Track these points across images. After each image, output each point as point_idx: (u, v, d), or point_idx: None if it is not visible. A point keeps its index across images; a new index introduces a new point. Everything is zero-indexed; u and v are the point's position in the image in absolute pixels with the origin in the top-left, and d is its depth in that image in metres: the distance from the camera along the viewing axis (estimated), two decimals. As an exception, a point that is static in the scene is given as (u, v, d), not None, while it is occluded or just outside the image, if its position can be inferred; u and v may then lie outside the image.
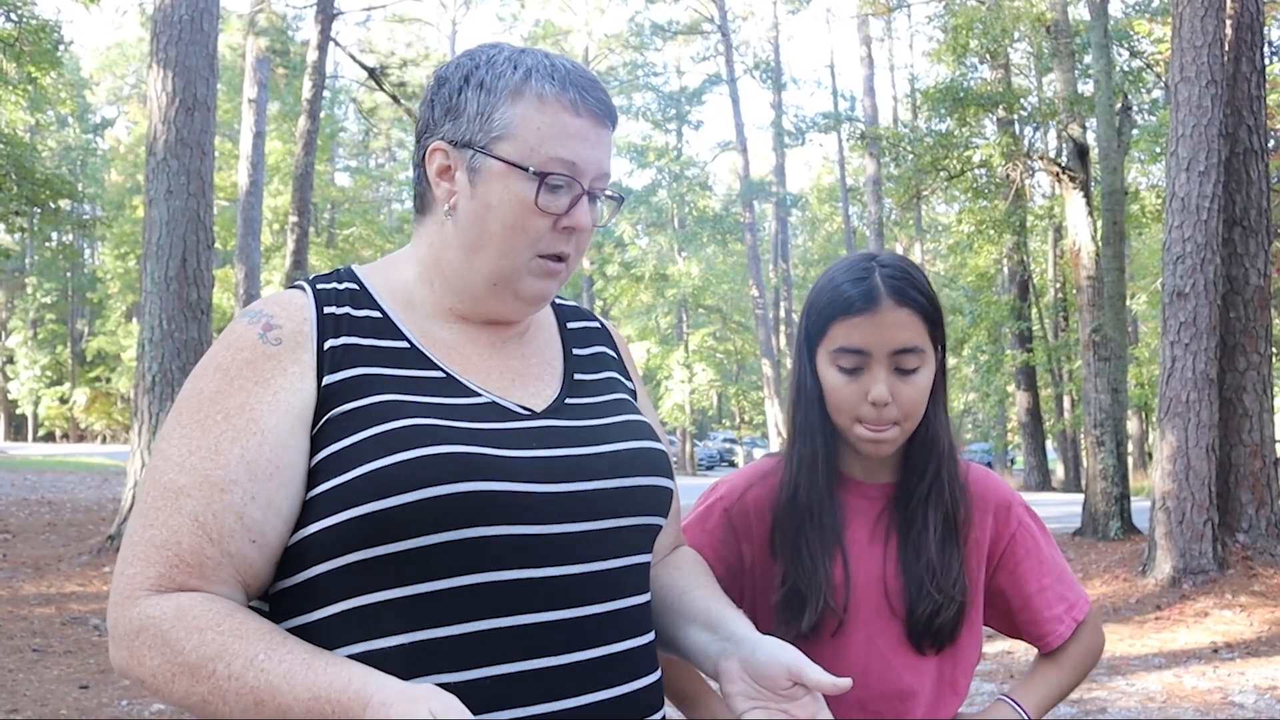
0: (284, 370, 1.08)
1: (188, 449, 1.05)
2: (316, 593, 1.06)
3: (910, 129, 21.32)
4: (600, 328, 1.35)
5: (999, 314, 21.70)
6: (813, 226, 46.23)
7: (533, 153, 1.12)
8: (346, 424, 1.06)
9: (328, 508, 1.04)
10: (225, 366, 1.09)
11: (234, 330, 1.12)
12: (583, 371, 1.26)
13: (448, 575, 1.02)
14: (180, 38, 8.46)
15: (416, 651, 1.01)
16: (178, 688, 0.98)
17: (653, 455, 1.20)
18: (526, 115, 1.13)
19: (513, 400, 1.15)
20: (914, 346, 1.34)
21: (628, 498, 1.14)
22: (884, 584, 1.37)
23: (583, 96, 1.14)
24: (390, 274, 1.21)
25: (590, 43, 36.83)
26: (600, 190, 1.19)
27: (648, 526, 1.18)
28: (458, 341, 1.18)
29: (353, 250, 32.55)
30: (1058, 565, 1.46)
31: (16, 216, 14.71)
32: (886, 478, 1.42)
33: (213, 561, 1.02)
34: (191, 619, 0.99)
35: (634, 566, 1.15)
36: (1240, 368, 8.00)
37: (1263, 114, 8.25)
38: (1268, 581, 7.37)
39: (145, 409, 8.23)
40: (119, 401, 41.99)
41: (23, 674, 5.26)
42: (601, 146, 1.16)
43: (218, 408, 1.06)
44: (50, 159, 35.00)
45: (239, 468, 1.03)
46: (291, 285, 1.19)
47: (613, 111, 1.18)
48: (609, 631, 1.10)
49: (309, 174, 14.37)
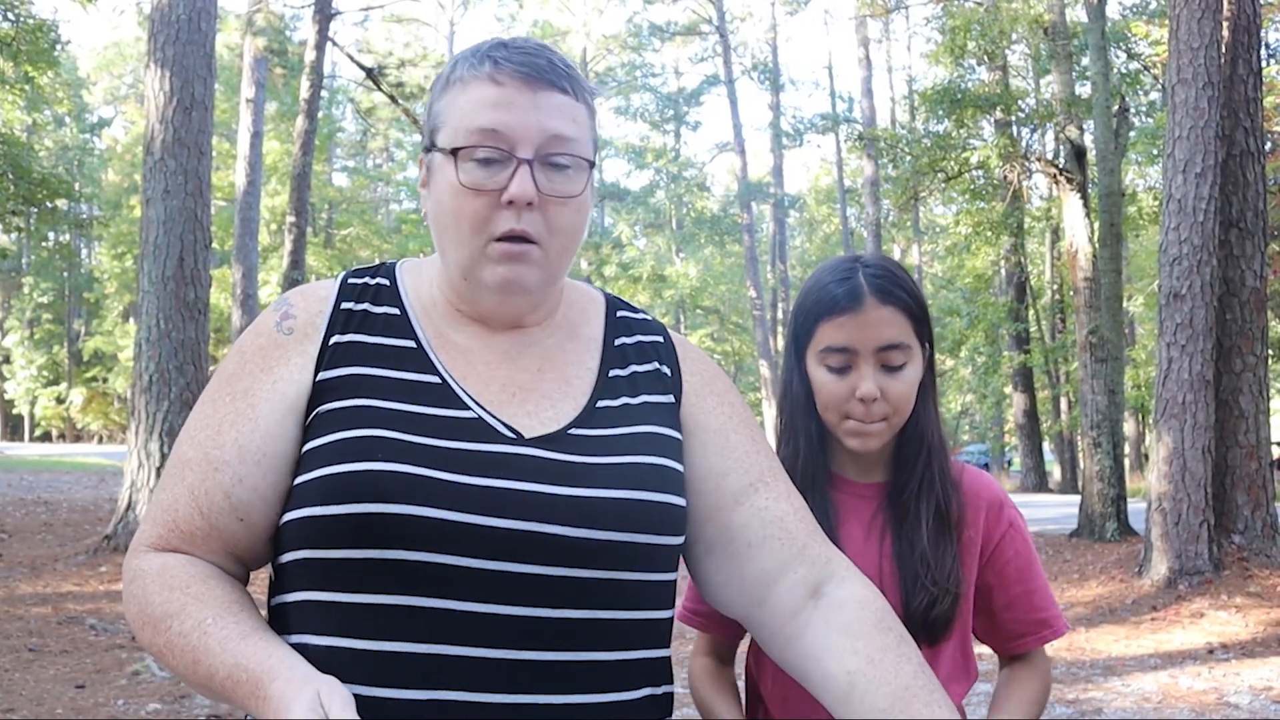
0: (288, 360, 1.11)
1: (199, 424, 1.11)
2: (285, 579, 1.09)
3: (908, 130, 21.35)
4: (663, 342, 1.24)
5: (996, 315, 21.74)
6: (810, 228, 46.26)
7: (455, 133, 1.09)
8: (325, 423, 1.07)
9: (295, 501, 1.06)
10: (244, 350, 1.14)
11: (261, 316, 1.17)
12: (612, 396, 1.16)
13: (384, 591, 1.01)
14: (178, 37, 8.46)
15: (343, 658, 1.01)
16: (145, 635, 1.06)
17: (644, 507, 1.08)
18: (452, 100, 1.11)
19: (504, 419, 1.09)
20: (899, 343, 1.36)
21: (590, 547, 1.04)
22: (880, 581, 1.37)
23: (502, 64, 1.09)
24: (426, 271, 1.20)
25: (588, 43, 36.83)
26: (554, 156, 1.09)
27: (616, 581, 1.06)
28: (470, 346, 1.15)
29: (350, 250, 32.54)
30: (1042, 575, 1.47)
31: (13, 216, 14.70)
32: (879, 476, 1.44)
33: (201, 532, 1.08)
34: (168, 577, 1.06)
35: (600, 621, 1.05)
36: (1236, 369, 8.02)
37: (1259, 116, 8.27)
38: (1263, 583, 7.39)
39: (142, 409, 8.21)
40: (116, 401, 41.95)
41: (19, 673, 5.25)
42: (538, 110, 1.08)
43: (228, 389, 1.11)
44: (47, 158, 34.97)
45: (232, 449, 1.08)
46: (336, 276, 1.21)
47: (557, 72, 1.10)
48: (548, 681, 1.02)
49: (306, 174, 14.36)
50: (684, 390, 1.21)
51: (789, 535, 1.16)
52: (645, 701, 1.10)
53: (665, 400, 1.19)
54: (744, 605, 1.17)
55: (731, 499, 1.17)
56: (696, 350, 1.28)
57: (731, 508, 1.17)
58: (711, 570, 1.18)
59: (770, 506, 1.17)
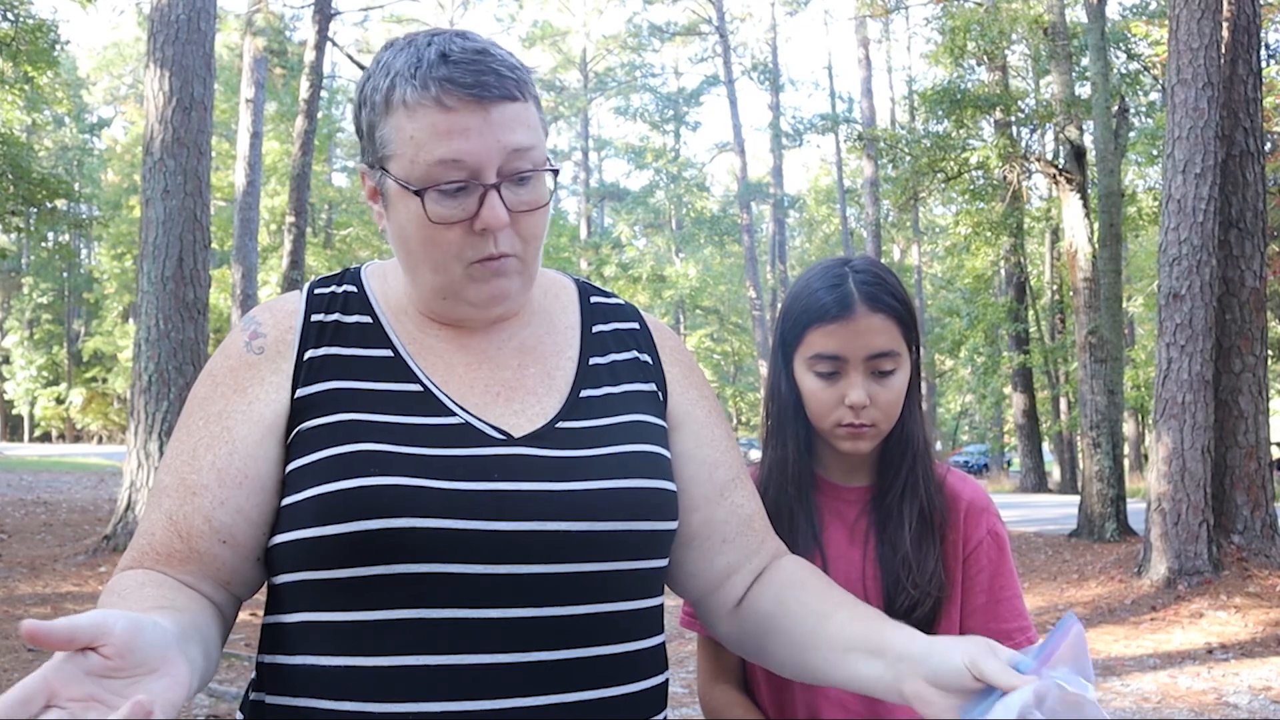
0: (261, 380, 1.09)
1: (175, 451, 1.09)
2: (282, 599, 1.07)
3: (908, 131, 21.35)
4: (639, 329, 1.25)
5: (996, 316, 21.75)
6: (810, 228, 46.28)
7: (413, 165, 1.04)
8: (309, 440, 1.05)
9: (286, 523, 1.05)
10: (214, 372, 1.12)
11: (230, 337, 1.15)
12: (594, 386, 1.16)
13: (390, 606, 1.00)
14: (177, 37, 8.46)
15: (353, 677, 1.00)
16: None
17: (643, 495, 1.09)
18: (399, 127, 1.04)
19: (492, 421, 1.08)
20: (889, 351, 1.36)
21: (595, 540, 1.05)
22: (863, 584, 1.38)
23: (448, 87, 1.02)
24: (391, 277, 1.18)
25: (588, 43, 36.87)
26: (518, 172, 1.05)
27: (620, 572, 1.07)
28: (447, 349, 1.13)
29: (350, 251, 32.53)
30: (1015, 588, 1.44)
31: (13, 216, 14.70)
32: (863, 480, 1.44)
33: (179, 554, 1.05)
34: (118, 586, 1.03)
35: (608, 614, 1.06)
36: (1236, 369, 8.02)
37: (1259, 116, 8.27)
38: (1262, 583, 7.39)
39: (141, 409, 8.22)
40: (115, 402, 41.96)
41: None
42: (494, 129, 1.03)
43: (201, 413, 1.09)
44: (47, 158, 35.00)
45: (210, 474, 1.06)
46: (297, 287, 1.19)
47: (505, 83, 1.04)
48: (561, 680, 1.02)
49: (306, 174, 14.36)
50: (668, 380, 1.22)
51: (754, 533, 1.22)
52: (655, 691, 1.11)
53: (648, 389, 1.19)
54: (700, 592, 1.22)
55: (718, 492, 1.20)
56: (672, 335, 1.29)
57: (717, 501, 1.20)
58: (686, 561, 1.20)
59: (744, 504, 1.22)
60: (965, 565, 1.41)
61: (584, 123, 40.66)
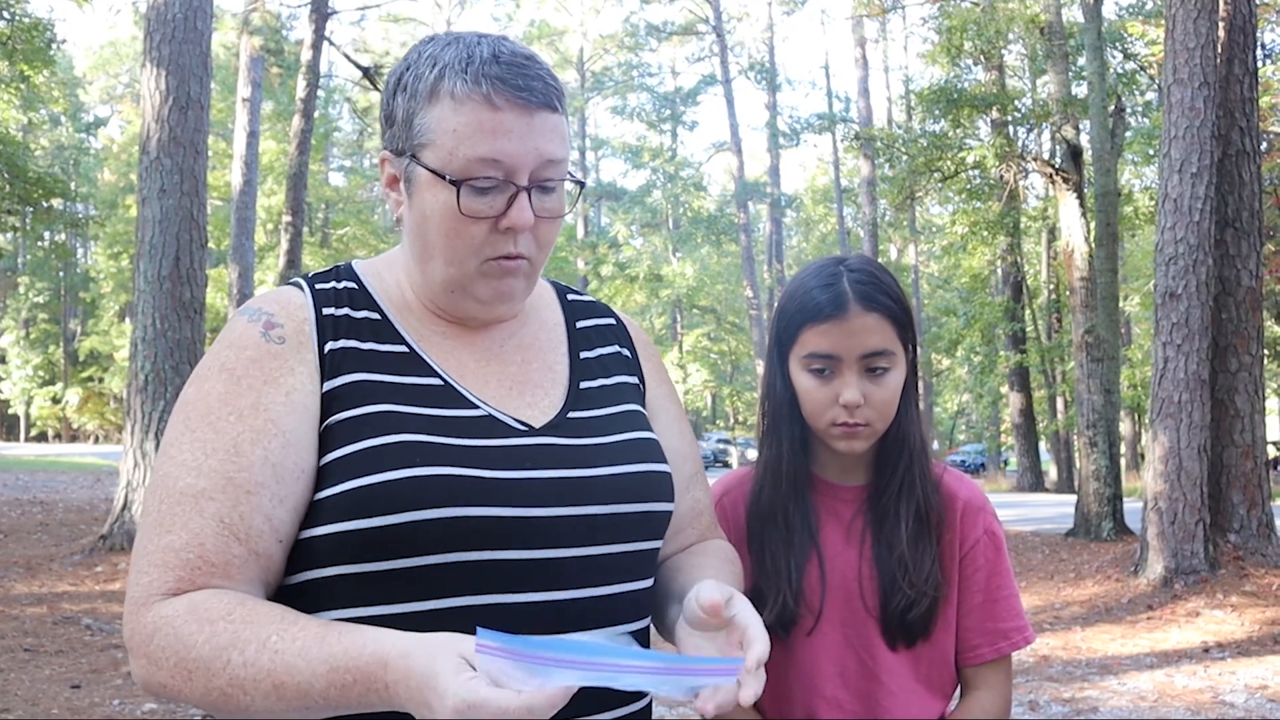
0: (291, 370, 1.07)
1: (203, 452, 1.02)
2: (315, 597, 1.04)
3: (905, 130, 21.38)
4: (616, 324, 1.30)
5: (992, 315, 21.76)
6: (807, 227, 46.31)
7: (451, 158, 1.06)
8: (343, 433, 1.05)
9: (325, 515, 1.03)
10: (231, 366, 1.06)
11: (234, 329, 1.10)
12: (589, 378, 1.21)
13: (440, 595, 1.01)
14: (174, 36, 8.45)
15: None
16: (197, 685, 0.95)
17: (653, 479, 1.15)
18: (442, 118, 1.06)
19: (511, 413, 1.12)
20: (883, 350, 1.36)
21: (624, 523, 1.11)
22: (860, 583, 1.38)
23: (499, 87, 1.05)
24: (387, 274, 1.19)
25: (585, 43, 36.86)
26: (546, 180, 1.09)
27: (644, 552, 1.14)
28: (454, 346, 1.15)
29: (347, 250, 32.50)
30: (1012, 587, 1.45)
31: (9, 215, 14.69)
32: (860, 479, 1.44)
33: (239, 560, 1.00)
34: (203, 612, 0.96)
35: (631, 593, 1.12)
36: (1232, 369, 8.03)
37: (1255, 116, 8.28)
38: (1259, 581, 7.40)
39: (138, 409, 8.20)
40: (112, 401, 41.88)
41: (14, 674, 5.24)
42: (534, 135, 1.06)
43: (229, 408, 1.04)
44: (43, 158, 34.94)
45: (264, 469, 1.02)
46: (288, 283, 1.16)
47: (549, 92, 1.08)
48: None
49: (303, 173, 14.34)
50: (645, 374, 1.29)
51: (700, 526, 1.30)
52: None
53: (632, 380, 1.26)
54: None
55: (684, 485, 1.26)
56: (640, 331, 1.34)
57: (684, 490, 1.26)
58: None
59: (701, 498, 1.30)
60: (962, 565, 1.42)
61: (581, 122, 40.65)
